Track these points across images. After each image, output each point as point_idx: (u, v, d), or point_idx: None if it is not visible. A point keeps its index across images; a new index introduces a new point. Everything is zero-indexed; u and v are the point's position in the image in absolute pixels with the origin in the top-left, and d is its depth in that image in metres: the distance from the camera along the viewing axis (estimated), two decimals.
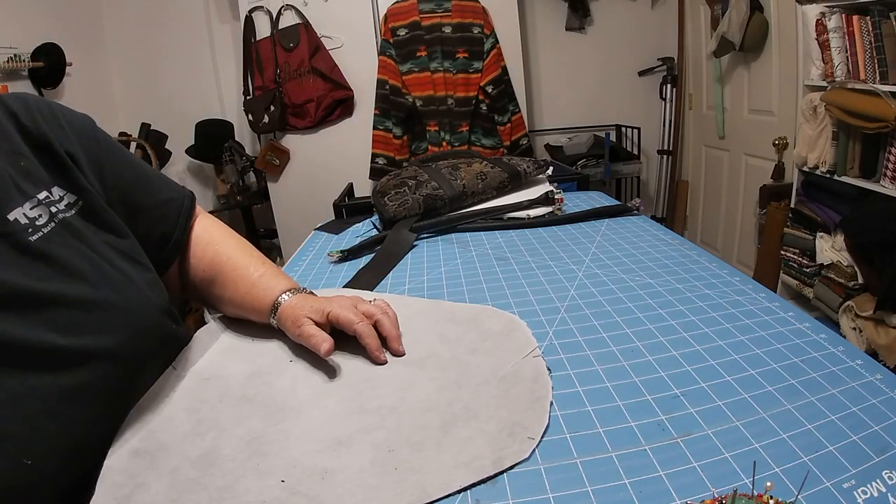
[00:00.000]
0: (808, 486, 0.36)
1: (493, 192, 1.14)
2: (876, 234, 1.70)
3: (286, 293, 0.62)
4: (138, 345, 0.52)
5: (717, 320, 0.60)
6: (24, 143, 0.52)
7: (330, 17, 2.46)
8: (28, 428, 0.42)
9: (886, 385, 0.46)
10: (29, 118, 0.54)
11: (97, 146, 0.59)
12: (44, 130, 0.54)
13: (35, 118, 0.54)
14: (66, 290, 0.47)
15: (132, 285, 0.53)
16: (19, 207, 0.48)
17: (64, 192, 0.53)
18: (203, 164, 2.91)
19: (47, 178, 0.52)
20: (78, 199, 0.54)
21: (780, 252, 2.21)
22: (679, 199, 3.18)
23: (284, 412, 0.49)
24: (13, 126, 0.52)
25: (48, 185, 0.52)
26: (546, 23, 2.99)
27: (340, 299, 0.61)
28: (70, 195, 0.53)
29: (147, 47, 2.83)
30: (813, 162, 1.95)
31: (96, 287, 0.50)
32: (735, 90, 2.62)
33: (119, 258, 0.54)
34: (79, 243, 0.51)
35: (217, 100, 2.93)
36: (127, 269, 0.54)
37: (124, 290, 0.52)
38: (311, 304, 0.60)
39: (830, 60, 1.83)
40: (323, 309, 0.59)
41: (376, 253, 0.93)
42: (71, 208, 0.53)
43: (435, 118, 2.47)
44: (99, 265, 0.51)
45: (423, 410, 0.48)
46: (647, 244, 0.88)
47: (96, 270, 0.50)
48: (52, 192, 0.52)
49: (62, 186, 0.53)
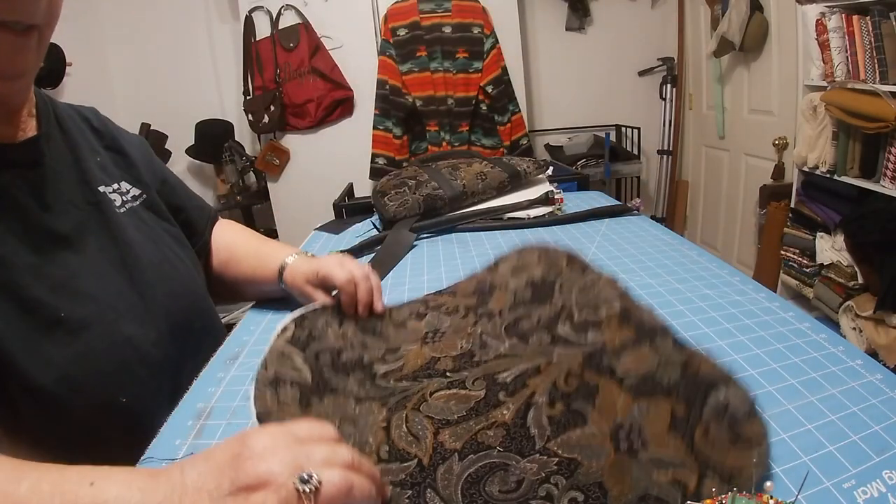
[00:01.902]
0: (808, 486, 0.36)
1: (493, 192, 1.14)
2: (876, 234, 1.70)
3: (290, 256, 0.72)
4: (189, 313, 0.63)
5: (717, 320, 0.60)
6: (98, 144, 0.63)
7: (330, 17, 2.46)
8: (124, 372, 0.52)
9: (886, 385, 0.46)
10: (100, 123, 0.66)
11: (150, 153, 0.72)
12: (114, 135, 0.66)
13: (104, 123, 0.66)
14: (142, 257, 0.58)
15: (185, 264, 0.66)
16: (105, 186, 0.59)
17: (131, 186, 0.64)
18: (203, 164, 2.91)
19: (118, 173, 0.63)
20: (142, 193, 0.65)
21: (780, 252, 2.21)
22: (679, 199, 3.18)
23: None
24: (88, 129, 0.63)
25: (118, 179, 0.63)
26: (546, 23, 2.99)
27: (328, 258, 0.70)
28: (136, 189, 0.64)
29: (147, 47, 2.82)
30: (813, 162, 1.95)
31: (161, 262, 0.61)
32: (735, 90, 2.62)
33: (174, 243, 0.66)
34: (146, 227, 0.63)
35: (217, 100, 2.93)
36: (180, 252, 0.66)
37: (180, 266, 0.64)
38: (304, 268, 0.69)
39: (830, 60, 1.83)
40: (316, 271, 0.67)
41: (376, 253, 0.93)
42: (136, 200, 0.64)
43: (435, 118, 2.47)
44: (161, 247, 0.63)
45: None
46: (647, 244, 0.88)
47: (159, 251, 0.62)
48: (121, 185, 0.62)
49: (129, 182, 0.64)
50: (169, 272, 0.61)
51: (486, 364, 0.53)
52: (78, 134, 0.60)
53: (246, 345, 0.65)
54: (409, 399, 0.49)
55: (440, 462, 0.41)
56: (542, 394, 0.47)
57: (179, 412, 0.52)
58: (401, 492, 0.38)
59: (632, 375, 0.47)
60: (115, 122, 0.70)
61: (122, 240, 0.57)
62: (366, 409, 0.48)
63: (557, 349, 0.53)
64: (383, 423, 0.46)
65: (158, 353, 0.56)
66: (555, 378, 0.48)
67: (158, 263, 0.61)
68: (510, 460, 0.40)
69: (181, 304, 0.61)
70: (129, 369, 0.53)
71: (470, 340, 0.58)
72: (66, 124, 0.59)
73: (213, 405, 0.53)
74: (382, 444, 0.43)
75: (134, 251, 0.58)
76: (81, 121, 0.63)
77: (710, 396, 0.42)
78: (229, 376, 0.58)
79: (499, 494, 0.37)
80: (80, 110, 0.65)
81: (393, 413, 0.47)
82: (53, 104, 0.60)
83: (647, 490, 0.36)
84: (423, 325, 0.63)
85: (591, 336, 0.54)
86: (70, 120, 0.61)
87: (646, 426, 0.41)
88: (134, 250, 0.58)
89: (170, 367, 0.58)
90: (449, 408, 0.47)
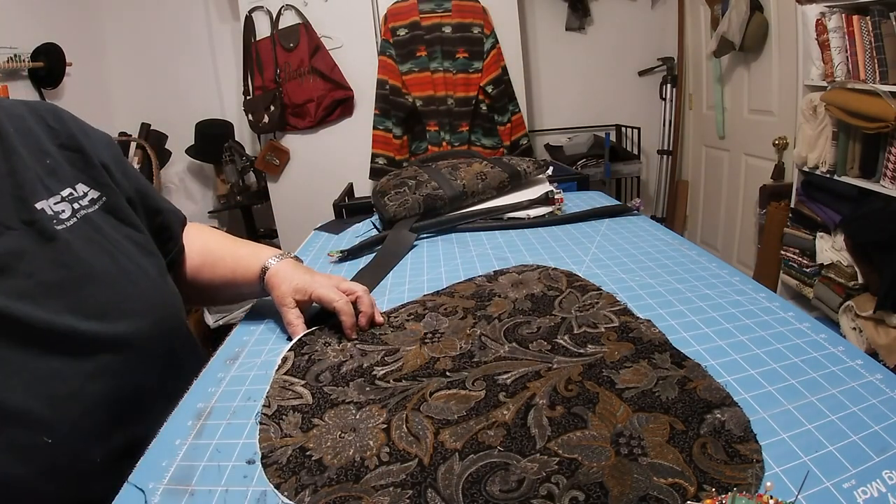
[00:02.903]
0: (808, 486, 0.36)
1: (493, 192, 1.14)
2: (876, 234, 1.70)
3: (272, 258, 0.68)
4: (153, 332, 0.55)
5: (717, 320, 0.60)
6: (51, 144, 0.56)
7: (330, 17, 2.46)
8: (51, 409, 0.45)
9: (886, 385, 0.46)
10: (57, 121, 0.58)
11: (119, 153, 0.65)
12: (72, 132, 0.59)
13: (63, 122, 0.59)
14: (88, 279, 0.51)
15: (148, 277, 0.58)
16: (44, 200, 0.52)
17: (88, 189, 0.57)
18: (203, 164, 2.91)
19: (72, 175, 0.56)
20: (101, 195, 0.58)
21: (780, 252, 2.21)
22: (679, 199, 3.18)
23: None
24: (41, 128, 0.56)
25: (72, 182, 0.56)
26: (546, 23, 2.99)
27: (323, 279, 0.66)
28: (94, 191, 0.57)
29: (147, 47, 2.83)
30: (813, 162, 1.95)
31: (115, 278, 0.54)
32: (735, 90, 2.62)
33: (138, 252, 0.59)
34: (100, 237, 0.55)
35: (217, 100, 2.93)
36: (144, 262, 0.59)
37: (141, 281, 0.56)
38: (296, 281, 0.65)
39: (830, 60, 1.83)
40: (306, 289, 0.64)
41: (376, 253, 0.93)
42: (94, 204, 0.57)
43: (435, 118, 2.47)
44: (117, 259, 0.55)
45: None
46: (647, 244, 0.88)
47: (115, 263, 0.54)
48: (77, 189, 0.56)
49: (87, 183, 0.57)
50: (125, 288, 0.54)
51: (486, 365, 0.53)
52: (23, 137, 0.53)
53: (246, 345, 0.65)
54: (409, 399, 0.49)
55: (441, 462, 0.41)
56: (542, 396, 0.47)
57: (179, 412, 0.52)
58: (402, 492, 0.38)
59: (631, 389, 0.47)
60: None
61: (63, 262, 0.50)
62: (366, 413, 0.48)
63: (557, 357, 0.54)
64: (383, 425, 0.46)
65: (95, 385, 0.49)
66: (555, 383, 0.49)
67: (113, 280, 0.53)
68: (511, 460, 0.40)
69: (141, 323, 0.54)
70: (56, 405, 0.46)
71: (469, 341, 0.58)
72: (6, 129, 0.52)
73: (213, 405, 0.53)
74: (383, 447, 0.43)
75: (80, 271, 0.51)
76: (34, 119, 0.56)
77: (708, 416, 0.43)
78: (229, 376, 0.58)
79: (500, 494, 0.37)
80: (36, 107, 0.58)
81: (393, 414, 0.47)
82: None
83: (647, 491, 0.36)
84: (422, 325, 0.63)
85: (590, 349, 0.55)
86: (15, 122, 0.54)
87: (646, 435, 0.41)
88: (80, 270, 0.51)
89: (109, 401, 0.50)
90: (449, 408, 0.47)
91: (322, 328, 0.65)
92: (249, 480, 0.42)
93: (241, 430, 0.48)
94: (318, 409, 0.49)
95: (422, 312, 0.67)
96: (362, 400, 0.50)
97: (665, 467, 0.38)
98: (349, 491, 0.39)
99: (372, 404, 0.49)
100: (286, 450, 0.44)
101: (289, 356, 0.59)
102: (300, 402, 0.51)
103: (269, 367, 0.58)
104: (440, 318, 0.65)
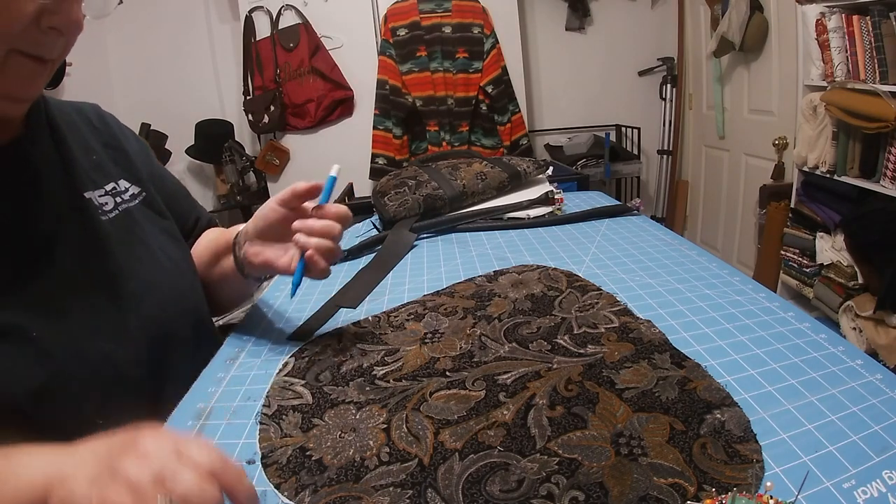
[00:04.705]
0: (808, 486, 0.36)
1: (493, 192, 1.14)
2: (876, 234, 1.70)
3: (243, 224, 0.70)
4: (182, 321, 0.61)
5: (717, 320, 0.60)
6: (96, 142, 0.61)
7: (330, 17, 2.47)
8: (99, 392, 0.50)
9: (886, 385, 0.46)
10: (100, 121, 0.65)
11: (150, 155, 0.71)
12: (114, 132, 0.65)
13: (105, 121, 0.66)
14: (127, 267, 0.56)
15: (179, 268, 0.63)
16: (91, 191, 0.57)
17: (129, 185, 0.62)
18: (203, 164, 2.91)
19: (115, 171, 0.61)
20: (142, 191, 0.64)
21: (780, 252, 2.21)
22: (679, 199, 3.18)
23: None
24: (87, 127, 0.62)
25: (115, 178, 0.61)
26: (546, 23, 2.99)
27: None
28: (134, 187, 0.63)
29: (147, 47, 2.83)
30: (813, 162, 1.95)
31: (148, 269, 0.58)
32: (735, 90, 2.62)
33: (171, 243, 0.64)
34: (140, 230, 0.60)
35: (217, 100, 2.93)
36: (176, 254, 0.64)
37: (173, 272, 0.62)
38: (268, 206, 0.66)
39: (830, 60, 1.83)
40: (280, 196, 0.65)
41: (376, 253, 0.93)
42: (135, 199, 0.62)
43: (435, 118, 2.47)
44: (153, 252, 0.60)
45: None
46: (647, 244, 0.88)
47: (151, 255, 0.60)
48: (119, 184, 0.61)
49: (128, 179, 0.62)
50: (160, 280, 0.59)
51: (486, 365, 0.53)
52: (72, 133, 0.58)
53: (246, 345, 0.65)
54: (409, 399, 0.49)
55: (441, 462, 0.41)
56: (542, 396, 0.47)
57: (179, 412, 0.52)
58: (401, 492, 0.38)
59: (631, 389, 0.47)
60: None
61: (105, 250, 0.54)
62: (366, 413, 0.48)
63: (557, 357, 0.54)
64: (383, 425, 0.46)
65: (138, 372, 0.53)
66: (555, 383, 0.49)
67: (148, 272, 0.58)
68: (511, 460, 0.40)
69: (170, 313, 0.59)
70: (104, 390, 0.50)
71: (469, 341, 0.58)
72: (58, 124, 0.57)
73: (213, 405, 0.52)
74: (383, 447, 0.43)
75: (116, 262, 0.55)
76: (80, 119, 0.62)
77: (708, 416, 0.43)
78: (229, 376, 0.58)
79: (500, 494, 0.37)
80: (81, 107, 0.64)
81: (393, 414, 0.47)
82: (46, 103, 0.58)
83: (647, 491, 0.36)
84: (422, 325, 0.63)
85: (590, 349, 0.55)
86: (65, 119, 0.59)
87: (646, 436, 0.41)
88: (116, 261, 0.55)
89: (151, 387, 0.55)
90: (449, 408, 0.47)
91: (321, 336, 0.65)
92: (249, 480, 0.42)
93: (241, 430, 0.48)
94: (318, 409, 0.49)
95: (422, 312, 0.67)
96: (362, 400, 0.50)
97: (665, 467, 0.38)
98: (349, 491, 0.39)
99: (372, 404, 0.49)
100: (286, 450, 0.44)
101: (289, 361, 0.59)
102: (300, 401, 0.51)
103: (269, 366, 0.58)
104: (440, 318, 0.65)
